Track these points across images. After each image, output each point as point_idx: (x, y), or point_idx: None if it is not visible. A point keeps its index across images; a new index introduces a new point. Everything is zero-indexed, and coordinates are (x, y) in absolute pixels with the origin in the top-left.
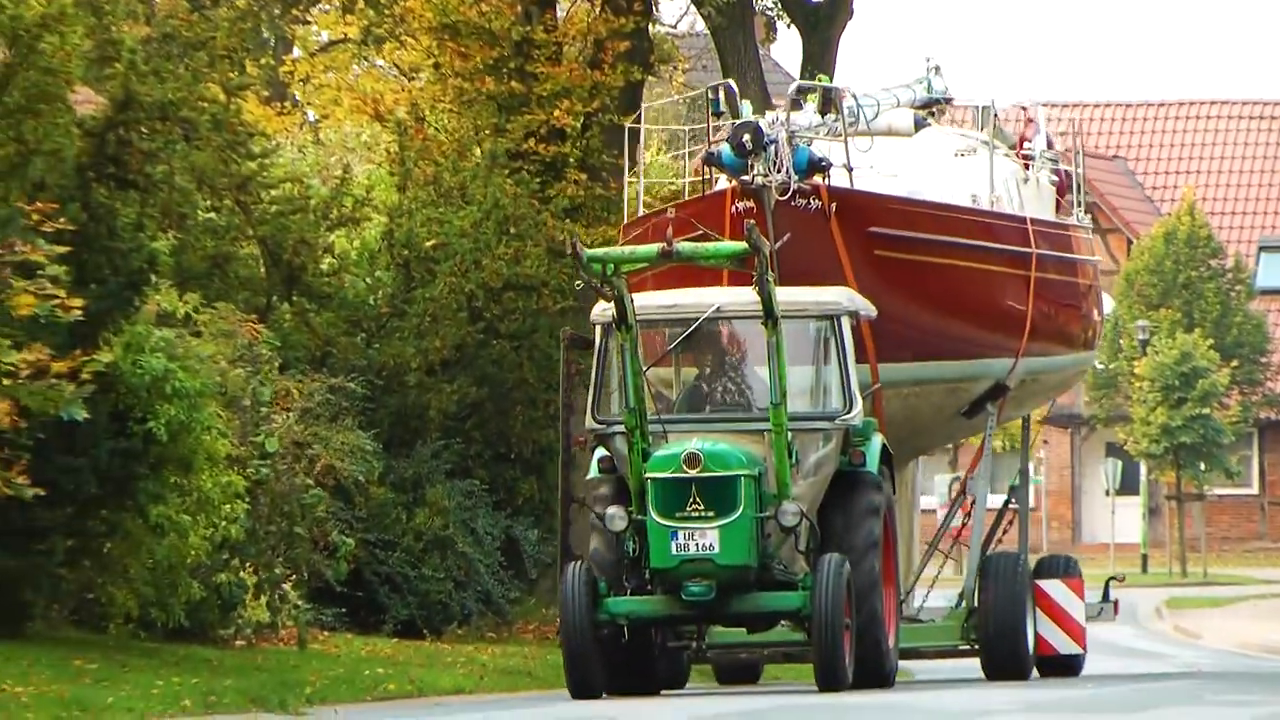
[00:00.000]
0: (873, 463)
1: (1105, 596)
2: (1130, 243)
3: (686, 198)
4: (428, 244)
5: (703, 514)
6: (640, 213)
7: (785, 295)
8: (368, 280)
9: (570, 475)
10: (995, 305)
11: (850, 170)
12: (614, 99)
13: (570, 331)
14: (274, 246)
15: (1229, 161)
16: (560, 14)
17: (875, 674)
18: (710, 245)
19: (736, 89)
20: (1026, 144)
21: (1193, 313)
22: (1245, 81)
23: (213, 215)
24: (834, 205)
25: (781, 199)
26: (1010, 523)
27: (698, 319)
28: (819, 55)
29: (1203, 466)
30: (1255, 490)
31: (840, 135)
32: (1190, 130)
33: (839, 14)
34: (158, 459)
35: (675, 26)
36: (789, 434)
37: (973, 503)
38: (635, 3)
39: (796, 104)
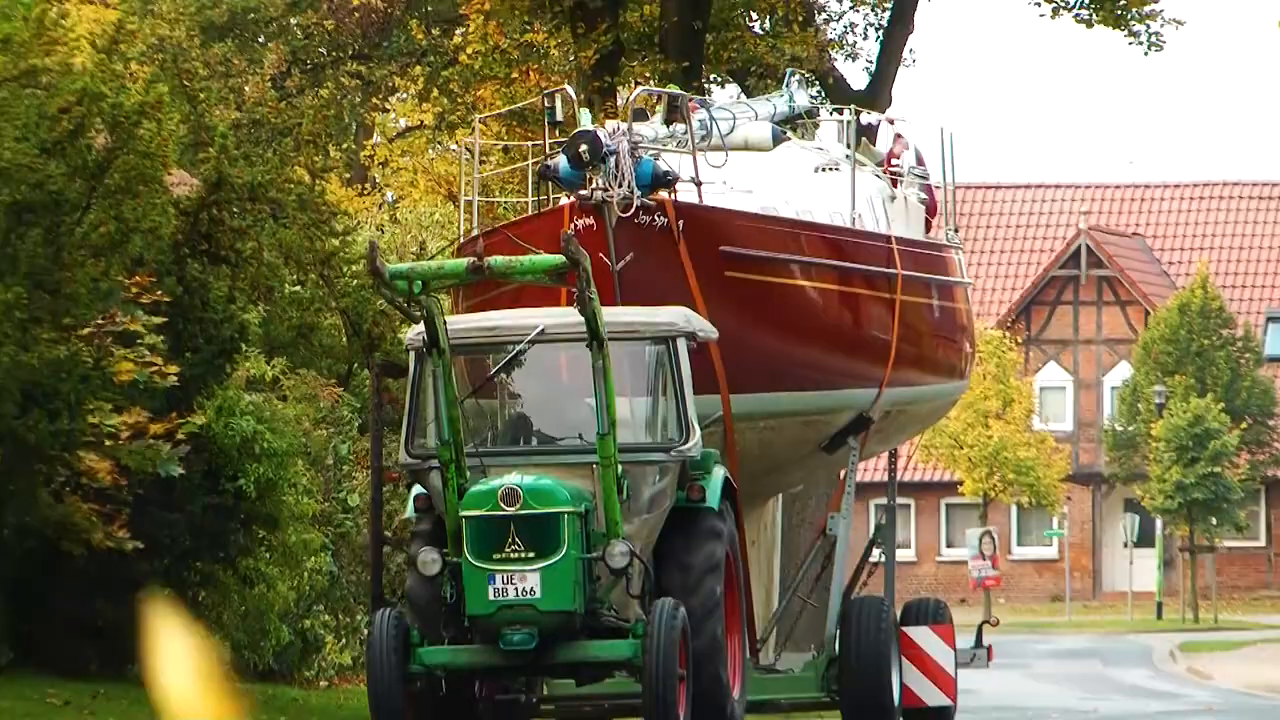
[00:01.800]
0: (714, 498)
1: (978, 642)
2: (1148, 314)
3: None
4: None
5: (523, 555)
6: (474, 232)
7: (616, 315)
8: None
9: (380, 515)
10: (857, 330)
11: (699, 185)
12: None
13: (382, 358)
14: (354, 317)
15: (1239, 239)
16: (620, 101)
17: None
18: (525, 259)
19: (575, 95)
20: (895, 160)
21: (1205, 378)
22: (1253, 164)
23: (298, 288)
24: (681, 222)
25: (624, 215)
26: (874, 567)
27: (520, 342)
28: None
29: (1214, 521)
30: (1263, 543)
31: (689, 148)
32: (1203, 210)
33: (879, 102)
34: (248, 514)
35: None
36: (619, 467)
37: (833, 543)
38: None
39: (641, 114)
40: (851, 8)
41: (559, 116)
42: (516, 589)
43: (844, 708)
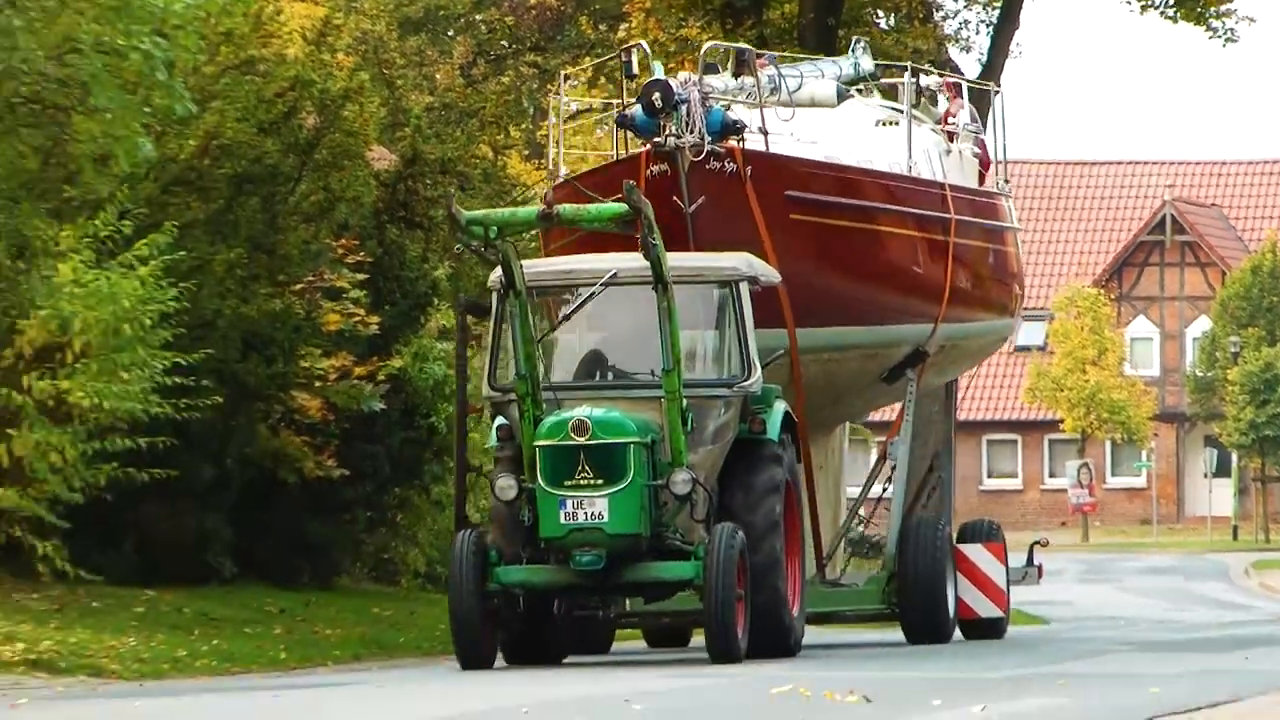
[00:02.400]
0: (774, 430)
1: (1030, 561)
2: (1224, 274)
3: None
4: None
5: (591, 482)
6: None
7: (683, 261)
8: None
9: (465, 444)
10: (913, 269)
11: (766, 135)
12: None
13: (466, 298)
14: None
15: None
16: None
17: (778, 645)
18: (592, 207)
19: (649, 50)
20: (951, 119)
21: (1275, 330)
22: None
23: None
24: (749, 168)
25: (696, 161)
26: (934, 490)
27: (594, 284)
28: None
29: None
30: None
31: (757, 101)
32: (1273, 183)
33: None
34: (439, 447)
35: None
36: (684, 401)
37: (893, 467)
38: None
39: (712, 68)
40: (966, 6)
41: (635, 70)
42: (586, 513)
43: (903, 619)
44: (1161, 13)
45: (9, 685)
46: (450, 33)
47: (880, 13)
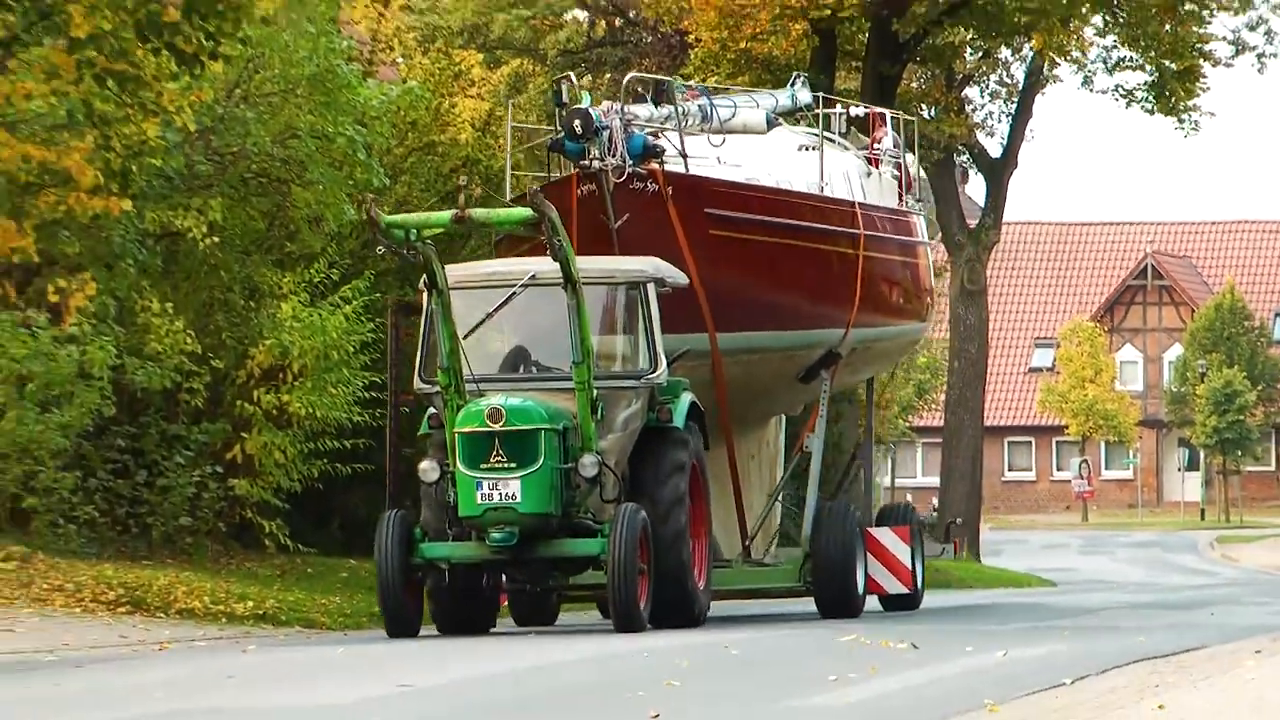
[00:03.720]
0: (679, 418)
1: (946, 537)
2: (1193, 311)
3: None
4: None
5: (505, 465)
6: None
7: (595, 263)
8: None
9: (396, 431)
10: (824, 279)
11: (685, 157)
12: None
13: (398, 299)
14: None
15: (1258, 259)
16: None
17: (684, 615)
18: (501, 211)
19: (575, 80)
20: (877, 145)
21: (1233, 355)
22: (1264, 205)
23: None
24: (670, 188)
25: (621, 182)
26: (855, 477)
27: (515, 285)
28: (995, 193)
29: (1239, 453)
30: (1273, 467)
31: (681, 127)
32: (1232, 239)
33: (1009, 165)
34: None
35: None
36: (594, 391)
37: (809, 459)
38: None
39: (640, 98)
40: (989, 100)
41: (565, 99)
42: (500, 494)
43: (816, 595)
44: (1142, 107)
45: (240, 635)
46: None
47: (924, 105)
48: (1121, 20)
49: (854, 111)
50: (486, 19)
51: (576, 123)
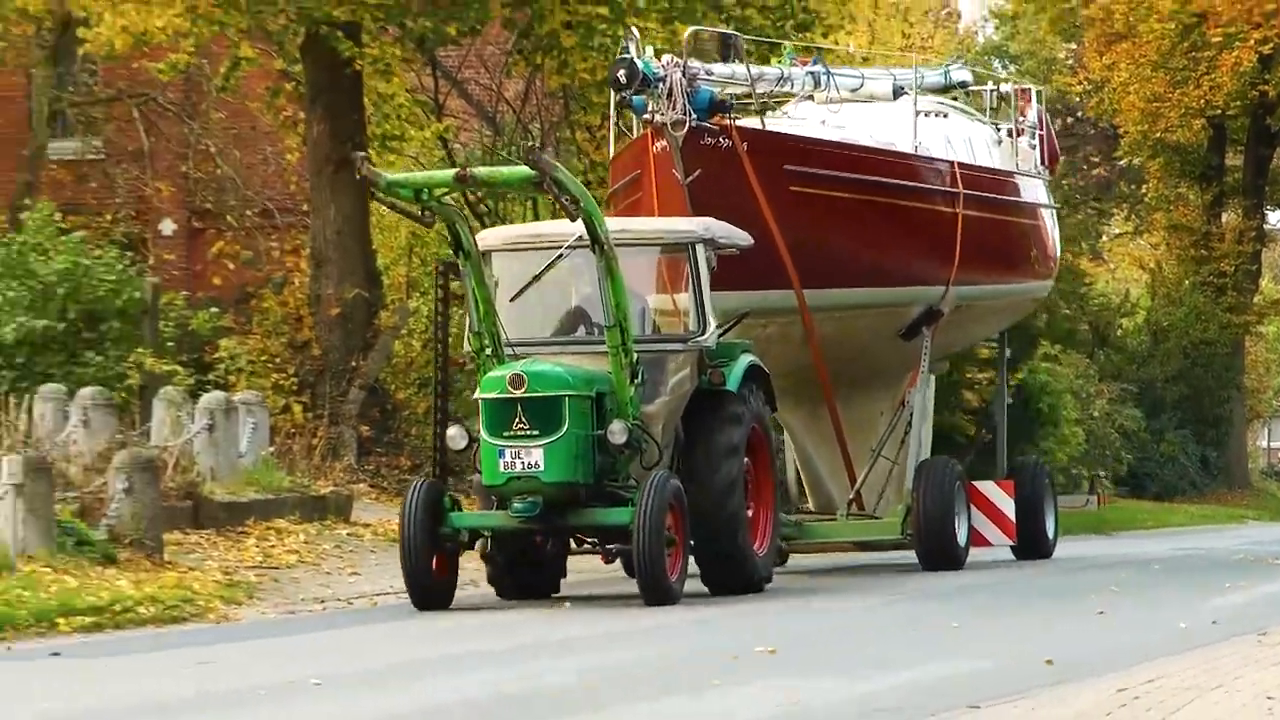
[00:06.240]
0: (734, 383)
1: (1091, 490)
2: None
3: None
4: None
5: (528, 433)
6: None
7: (641, 224)
8: None
9: (447, 396)
10: (918, 237)
11: (762, 114)
12: None
13: (443, 260)
14: None
15: None
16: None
17: (743, 580)
18: (504, 170)
19: (638, 35)
20: (1021, 118)
21: None
22: None
23: None
24: (745, 144)
25: (692, 136)
26: (991, 435)
27: (560, 248)
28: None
29: None
30: None
31: (797, 94)
32: None
33: None
34: None
35: None
36: (634, 355)
37: (912, 414)
38: None
39: (724, 54)
40: None
41: (633, 54)
42: (523, 462)
43: (917, 548)
44: None
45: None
46: None
47: None
48: None
49: (1003, 89)
50: None
51: (621, 72)
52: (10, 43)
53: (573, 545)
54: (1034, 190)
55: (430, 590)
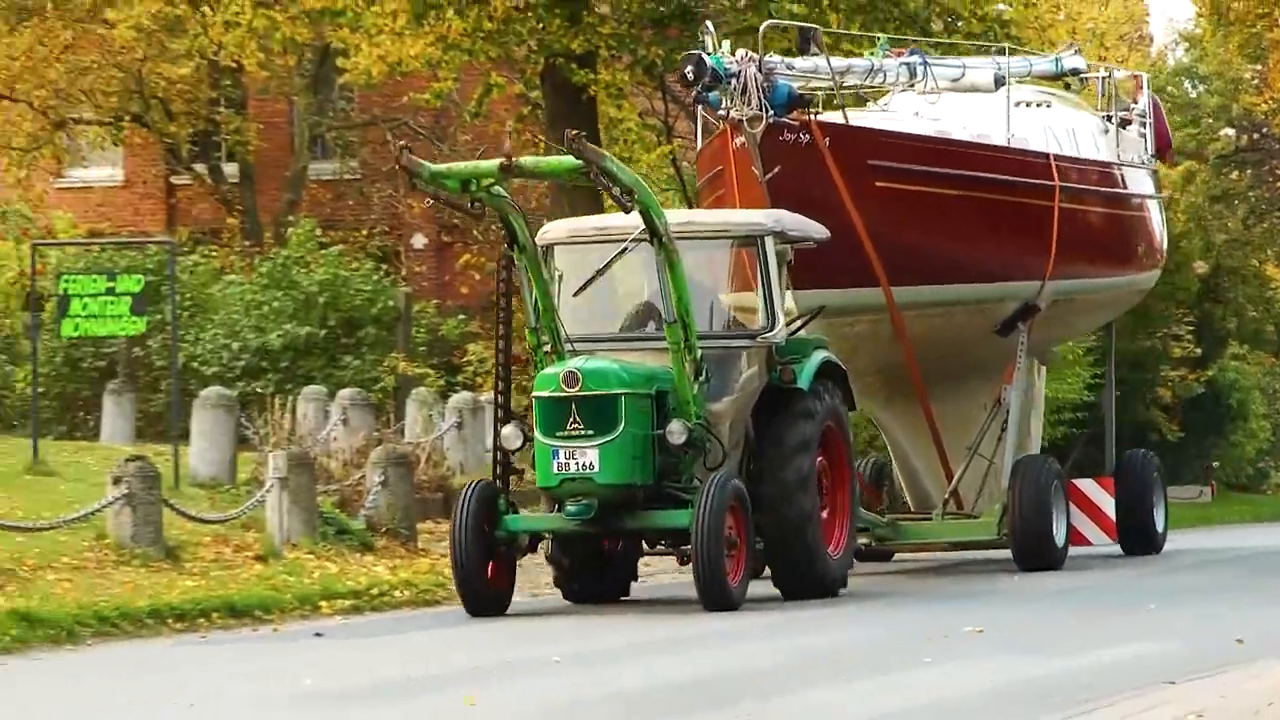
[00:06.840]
0: (805, 380)
1: (1206, 480)
2: None
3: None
4: None
5: (582, 432)
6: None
7: (709, 217)
8: None
9: (508, 392)
10: (1011, 231)
11: (844, 109)
12: None
13: (507, 252)
14: None
15: None
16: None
17: (814, 583)
18: (550, 159)
19: (713, 30)
20: (1133, 105)
21: None
22: None
23: None
24: (828, 139)
25: (770, 132)
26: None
27: (624, 241)
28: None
29: None
30: None
31: (893, 86)
32: None
33: None
34: None
35: None
36: (699, 352)
37: (1007, 412)
38: None
39: (804, 49)
40: None
41: (709, 49)
42: (577, 464)
43: (1013, 548)
44: None
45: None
46: None
47: None
48: None
49: (1116, 75)
50: None
51: (689, 68)
52: (274, 73)
53: (644, 546)
54: (1139, 181)
55: (482, 596)
